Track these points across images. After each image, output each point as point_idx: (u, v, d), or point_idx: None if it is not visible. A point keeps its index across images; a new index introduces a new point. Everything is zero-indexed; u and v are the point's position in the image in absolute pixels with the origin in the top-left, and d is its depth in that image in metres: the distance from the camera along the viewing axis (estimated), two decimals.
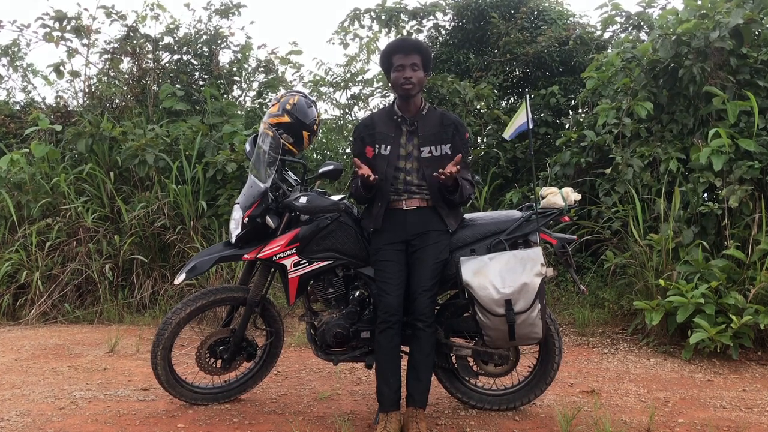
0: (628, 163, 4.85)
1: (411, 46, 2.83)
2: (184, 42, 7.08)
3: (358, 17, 7.38)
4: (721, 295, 4.01)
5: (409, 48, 2.82)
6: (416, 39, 3.05)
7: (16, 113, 7.35)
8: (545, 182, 5.54)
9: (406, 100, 2.85)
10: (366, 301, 3.01)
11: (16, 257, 5.54)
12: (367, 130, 2.90)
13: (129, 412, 3.09)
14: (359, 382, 3.66)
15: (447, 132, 2.86)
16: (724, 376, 3.74)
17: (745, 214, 4.31)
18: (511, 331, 2.70)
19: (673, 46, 4.64)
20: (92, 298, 5.56)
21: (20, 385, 3.58)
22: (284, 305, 4.92)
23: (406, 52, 2.80)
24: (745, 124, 4.53)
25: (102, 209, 5.88)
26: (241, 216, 3.00)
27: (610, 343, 4.44)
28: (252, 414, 3.06)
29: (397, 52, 2.81)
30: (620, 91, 5.29)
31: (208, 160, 5.79)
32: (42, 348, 4.49)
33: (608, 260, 4.72)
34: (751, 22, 4.48)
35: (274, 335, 3.25)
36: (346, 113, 7.81)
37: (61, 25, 6.73)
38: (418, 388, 2.77)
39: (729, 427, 2.90)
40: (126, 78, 7.08)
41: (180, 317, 3.01)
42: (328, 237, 2.94)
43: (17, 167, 6.06)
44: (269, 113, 3.12)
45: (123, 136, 5.99)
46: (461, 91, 6.27)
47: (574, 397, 3.36)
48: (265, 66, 7.30)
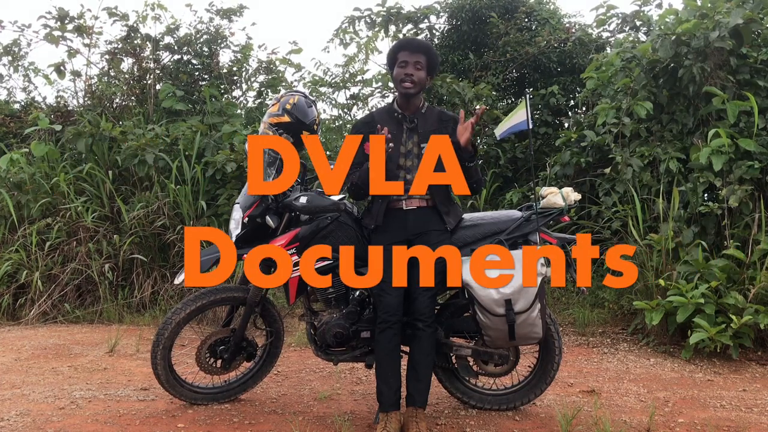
0: (627, 163, 4.85)
1: (418, 45, 2.84)
2: (184, 42, 7.09)
3: (353, 23, 7.36)
4: (721, 295, 4.01)
5: (416, 46, 2.83)
6: (427, 41, 3.05)
7: (17, 113, 7.35)
8: (545, 182, 5.54)
9: (406, 98, 2.85)
10: (366, 300, 3.01)
11: (16, 257, 5.54)
12: (367, 127, 2.90)
13: (129, 412, 3.09)
14: (359, 382, 3.66)
15: (446, 128, 2.86)
16: (724, 376, 3.74)
17: (745, 214, 4.31)
18: (511, 331, 2.70)
19: (673, 46, 4.64)
20: (92, 298, 5.56)
21: (20, 385, 3.58)
22: (284, 305, 4.93)
23: (412, 50, 2.81)
24: (745, 124, 4.53)
25: (102, 209, 5.88)
26: (241, 216, 3.00)
27: (610, 343, 4.44)
28: (252, 414, 3.06)
29: (403, 49, 2.83)
30: (620, 91, 5.29)
31: (208, 159, 5.79)
32: (42, 348, 4.49)
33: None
34: (751, 22, 4.48)
35: (274, 335, 3.25)
36: (345, 113, 7.81)
37: (63, 24, 6.73)
38: (418, 388, 2.77)
39: (729, 427, 2.90)
40: (126, 78, 7.08)
41: (180, 317, 3.01)
42: (328, 237, 2.94)
43: (17, 167, 6.06)
44: (269, 113, 3.12)
45: (123, 136, 5.99)
46: (460, 91, 6.27)
47: (574, 397, 3.36)
48: (266, 66, 7.30)
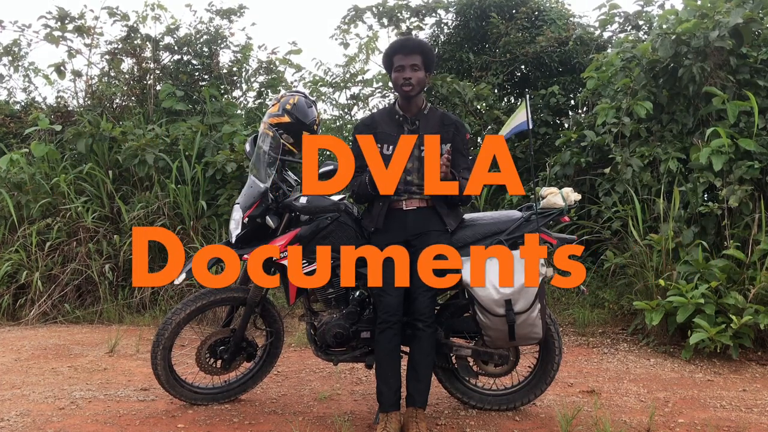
0: (627, 163, 4.85)
1: (412, 46, 2.82)
2: (184, 42, 7.09)
3: (359, 15, 7.37)
4: (721, 295, 4.01)
5: (410, 48, 2.81)
6: (418, 39, 3.04)
7: (17, 113, 7.35)
8: (545, 182, 5.54)
9: (407, 100, 2.85)
10: (366, 301, 3.01)
11: (16, 257, 5.55)
12: (368, 129, 2.90)
13: (129, 412, 3.09)
14: (359, 382, 3.66)
15: (448, 132, 2.86)
16: (724, 376, 3.74)
17: (745, 214, 4.31)
18: (511, 331, 2.70)
19: (673, 45, 4.64)
20: (92, 298, 5.56)
21: (20, 385, 3.58)
22: (284, 305, 4.93)
23: (406, 53, 2.80)
24: (745, 124, 4.53)
25: (102, 209, 5.88)
26: (241, 216, 3.00)
27: (610, 343, 4.44)
28: (252, 414, 3.06)
29: (397, 53, 2.81)
30: (620, 91, 5.28)
31: (208, 160, 5.79)
32: (42, 348, 4.49)
33: (608, 260, 4.72)
34: (751, 22, 4.48)
35: (274, 335, 3.25)
36: (345, 113, 7.81)
37: (63, 25, 6.73)
38: (418, 388, 2.77)
39: (729, 427, 2.90)
40: (126, 78, 7.08)
41: (180, 317, 3.01)
42: (328, 237, 2.94)
43: (17, 167, 6.06)
44: (269, 113, 3.12)
45: (123, 136, 5.99)
46: (461, 91, 6.27)
47: (574, 397, 3.36)
48: (266, 66, 7.30)
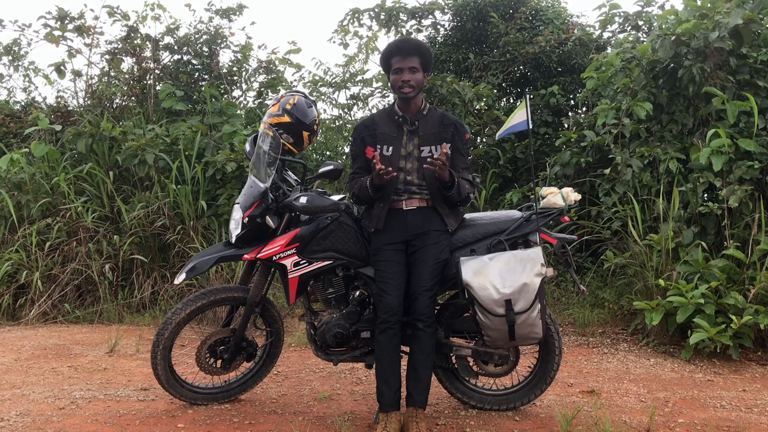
0: (627, 164, 4.85)
1: (409, 48, 2.82)
2: (184, 42, 7.09)
3: (357, 17, 7.38)
4: (721, 295, 4.01)
5: (407, 50, 2.81)
6: (415, 39, 3.04)
7: (17, 113, 7.36)
8: (545, 182, 5.54)
9: (406, 101, 2.85)
10: (366, 301, 3.01)
11: (16, 257, 5.55)
12: (368, 130, 2.90)
13: (129, 412, 3.09)
14: (359, 382, 3.66)
15: (447, 132, 2.86)
16: (724, 376, 3.74)
17: (745, 214, 4.31)
18: (511, 331, 2.70)
19: (673, 46, 4.64)
20: (92, 298, 5.56)
21: (20, 385, 3.58)
22: (284, 305, 4.92)
23: (403, 55, 2.80)
24: (744, 124, 4.54)
25: (102, 209, 5.88)
26: (241, 216, 3.00)
27: (610, 343, 4.44)
28: (252, 414, 3.06)
29: (395, 55, 2.81)
30: (620, 92, 5.29)
31: (208, 159, 5.79)
32: (42, 348, 4.49)
33: (608, 260, 4.72)
34: (751, 23, 4.48)
35: (274, 335, 3.25)
36: (345, 113, 7.82)
37: (63, 24, 6.73)
38: (418, 388, 2.77)
39: (729, 427, 2.90)
40: (126, 78, 7.09)
41: (180, 317, 3.01)
42: (328, 237, 2.94)
43: (17, 167, 6.06)
44: (269, 113, 3.12)
45: (123, 136, 5.99)
46: (461, 91, 6.27)
47: (574, 397, 3.36)
48: (266, 66, 7.30)
